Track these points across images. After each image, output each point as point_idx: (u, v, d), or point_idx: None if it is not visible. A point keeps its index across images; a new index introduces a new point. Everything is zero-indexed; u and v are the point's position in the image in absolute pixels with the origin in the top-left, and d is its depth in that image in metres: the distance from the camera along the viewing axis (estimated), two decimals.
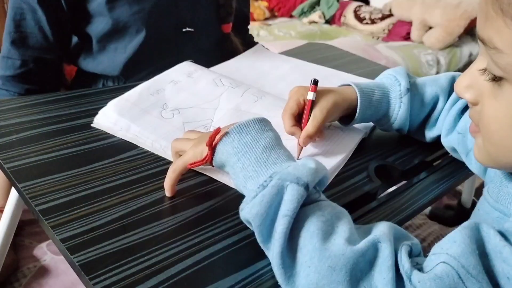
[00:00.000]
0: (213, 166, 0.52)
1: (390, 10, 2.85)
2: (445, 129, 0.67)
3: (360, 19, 2.89)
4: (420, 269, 0.39)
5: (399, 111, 0.67)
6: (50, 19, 0.85)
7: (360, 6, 2.98)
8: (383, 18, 2.82)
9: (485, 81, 0.41)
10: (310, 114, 0.63)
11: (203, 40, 0.99)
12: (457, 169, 0.68)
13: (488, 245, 0.39)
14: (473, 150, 0.59)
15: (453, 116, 0.65)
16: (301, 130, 0.63)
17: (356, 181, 0.61)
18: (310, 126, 0.62)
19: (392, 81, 0.68)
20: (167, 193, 0.54)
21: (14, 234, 0.75)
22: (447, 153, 0.72)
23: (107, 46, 0.91)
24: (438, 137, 0.70)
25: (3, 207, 0.94)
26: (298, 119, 0.65)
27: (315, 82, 0.64)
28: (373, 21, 2.84)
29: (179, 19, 0.93)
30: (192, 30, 0.95)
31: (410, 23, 2.70)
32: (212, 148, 0.50)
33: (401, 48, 2.51)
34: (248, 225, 0.46)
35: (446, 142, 0.67)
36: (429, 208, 1.28)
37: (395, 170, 0.66)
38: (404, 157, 0.69)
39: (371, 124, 0.75)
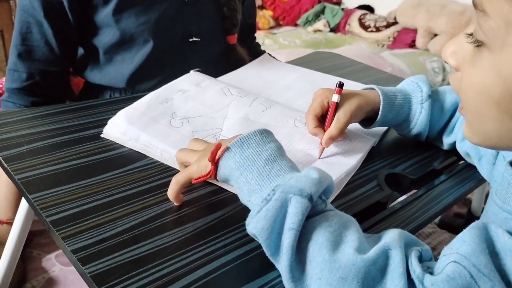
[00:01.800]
0: (217, 180, 0.52)
1: (394, 18, 2.85)
2: (460, 135, 0.68)
3: (365, 27, 2.90)
4: (432, 273, 0.39)
5: (419, 116, 0.69)
6: (56, 32, 0.86)
7: (364, 14, 2.99)
8: (388, 25, 2.83)
9: (468, 47, 0.41)
10: (334, 116, 0.65)
11: (209, 50, 0.99)
12: (467, 177, 0.68)
13: (498, 244, 0.39)
14: (484, 156, 0.60)
15: None
16: (324, 131, 0.65)
17: (366, 190, 0.61)
18: (333, 128, 0.64)
19: (414, 87, 0.70)
20: (175, 203, 0.54)
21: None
22: (457, 161, 0.72)
23: (114, 58, 0.92)
24: (455, 143, 0.71)
25: (11, 219, 0.94)
26: (321, 120, 0.66)
27: (341, 85, 0.65)
28: (378, 29, 2.84)
29: (185, 29, 0.94)
30: (199, 40, 0.95)
31: (415, 31, 2.70)
32: (215, 163, 0.49)
33: (407, 56, 2.51)
34: (256, 239, 0.46)
35: (460, 147, 0.69)
36: (439, 216, 1.28)
37: (405, 179, 0.66)
38: (414, 166, 0.68)
39: (381, 132, 0.75)
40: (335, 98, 0.65)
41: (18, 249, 0.74)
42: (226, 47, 1.03)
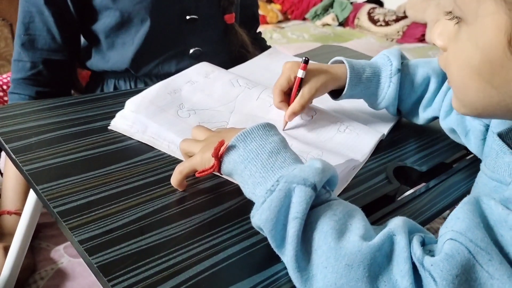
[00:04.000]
0: (221, 174, 0.52)
1: (404, 12, 2.83)
2: (443, 111, 0.69)
3: (374, 21, 2.88)
4: (433, 256, 0.38)
5: (388, 90, 0.70)
6: (57, 20, 0.87)
7: (373, 8, 2.97)
8: (397, 20, 2.81)
9: (451, 26, 0.44)
10: (299, 91, 0.67)
11: (208, 30, 1.00)
12: (476, 171, 0.67)
13: (492, 216, 0.38)
14: (471, 130, 0.62)
15: (450, 99, 0.67)
16: (289, 105, 0.68)
17: (375, 183, 0.61)
18: (296, 103, 0.67)
19: (385, 61, 0.72)
20: (179, 189, 0.55)
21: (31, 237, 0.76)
22: (466, 155, 0.71)
23: (115, 42, 0.92)
24: (433, 119, 0.73)
25: (20, 210, 0.95)
26: (289, 93, 0.69)
27: (306, 61, 0.66)
28: (387, 23, 2.82)
29: (183, 7, 0.94)
30: (197, 17, 0.96)
31: (424, 25, 2.68)
32: (218, 159, 0.49)
33: (416, 50, 2.49)
34: (261, 232, 0.45)
35: (444, 124, 0.70)
36: (447, 211, 1.26)
37: (414, 172, 0.65)
38: (423, 159, 0.68)
39: (389, 125, 0.75)
40: (300, 74, 0.66)
41: (26, 240, 0.75)
42: (224, 27, 1.03)
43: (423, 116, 0.73)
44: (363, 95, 0.72)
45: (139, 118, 0.65)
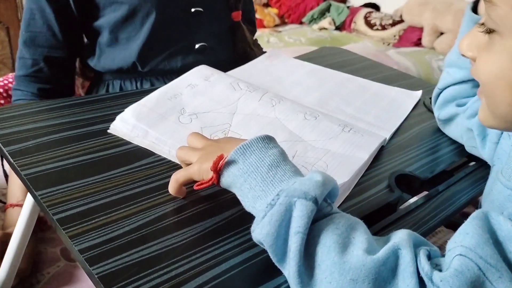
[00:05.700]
0: (220, 187, 0.51)
1: (400, 16, 2.83)
2: (471, 110, 0.68)
3: (370, 25, 2.88)
4: (441, 270, 0.38)
5: None
6: (58, 17, 0.88)
7: (370, 12, 2.97)
8: (393, 24, 2.81)
9: (481, 36, 0.44)
10: None
11: (214, 24, 1.00)
12: (479, 179, 0.67)
13: (501, 232, 0.38)
14: (489, 135, 0.62)
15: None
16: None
17: (376, 192, 0.60)
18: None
19: None
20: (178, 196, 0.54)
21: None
22: (467, 162, 0.71)
23: (119, 37, 0.92)
24: (453, 116, 0.72)
25: (22, 201, 0.93)
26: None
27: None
28: (383, 27, 2.82)
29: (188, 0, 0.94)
30: (202, 10, 0.96)
31: (421, 29, 2.68)
32: (217, 172, 0.48)
33: (412, 54, 2.49)
34: (262, 246, 0.45)
35: (467, 123, 0.69)
36: None
37: (416, 180, 0.65)
38: (425, 167, 0.67)
39: (392, 129, 0.74)
40: None
41: (23, 243, 0.74)
42: (231, 24, 1.03)
43: (448, 110, 0.73)
44: None
45: (140, 126, 0.64)
